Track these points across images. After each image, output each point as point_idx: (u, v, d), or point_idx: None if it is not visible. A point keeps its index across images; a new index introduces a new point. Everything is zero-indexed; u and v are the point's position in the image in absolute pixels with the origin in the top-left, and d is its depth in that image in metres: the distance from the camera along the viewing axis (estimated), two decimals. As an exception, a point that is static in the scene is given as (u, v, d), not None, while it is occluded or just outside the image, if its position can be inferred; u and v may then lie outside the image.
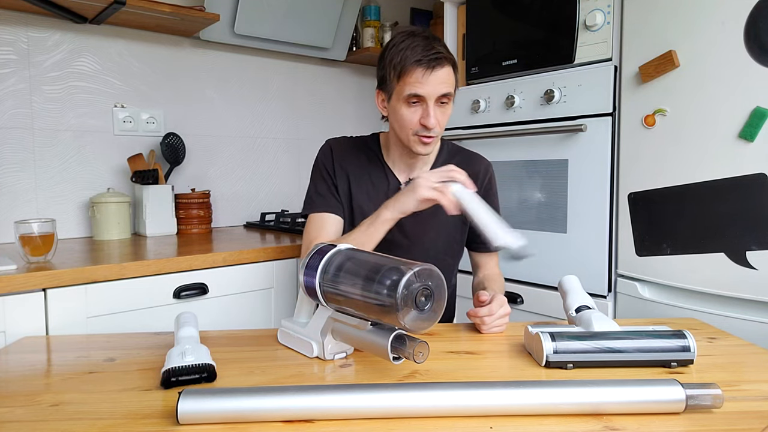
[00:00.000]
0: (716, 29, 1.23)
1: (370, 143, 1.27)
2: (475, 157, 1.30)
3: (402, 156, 1.22)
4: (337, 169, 1.24)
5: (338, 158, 1.24)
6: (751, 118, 1.18)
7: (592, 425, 0.65)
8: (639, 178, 1.41)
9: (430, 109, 1.08)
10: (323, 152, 1.27)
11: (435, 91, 1.07)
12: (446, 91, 1.09)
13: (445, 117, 1.13)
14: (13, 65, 1.63)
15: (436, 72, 1.06)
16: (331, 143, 1.28)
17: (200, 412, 0.64)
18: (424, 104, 1.09)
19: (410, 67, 1.06)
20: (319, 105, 2.37)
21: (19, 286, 1.13)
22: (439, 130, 1.12)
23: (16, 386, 0.78)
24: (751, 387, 0.77)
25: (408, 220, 1.20)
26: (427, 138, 1.11)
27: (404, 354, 0.73)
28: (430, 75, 1.06)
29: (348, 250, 0.85)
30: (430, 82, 1.06)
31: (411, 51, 1.07)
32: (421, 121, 1.09)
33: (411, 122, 1.10)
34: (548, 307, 1.62)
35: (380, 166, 1.24)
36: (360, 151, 1.26)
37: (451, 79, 1.10)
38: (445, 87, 1.08)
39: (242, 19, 1.93)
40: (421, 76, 1.06)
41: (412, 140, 1.13)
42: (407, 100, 1.09)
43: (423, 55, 1.06)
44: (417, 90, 1.07)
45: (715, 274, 1.27)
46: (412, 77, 1.07)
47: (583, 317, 0.89)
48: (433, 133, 1.11)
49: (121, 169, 1.83)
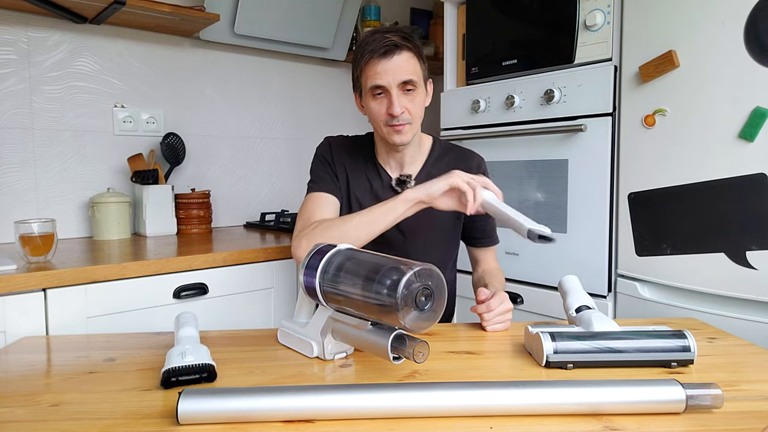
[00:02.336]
0: (716, 29, 1.23)
1: (365, 142, 1.29)
2: (467, 152, 1.31)
3: (389, 152, 1.23)
4: (337, 163, 1.26)
5: (337, 153, 1.26)
6: (751, 118, 1.18)
7: (592, 425, 0.65)
8: (639, 178, 1.41)
9: (394, 98, 1.10)
10: (323, 146, 1.29)
11: (394, 79, 1.09)
12: (406, 78, 1.10)
13: (416, 104, 1.14)
14: (13, 65, 1.63)
15: (392, 59, 1.09)
16: (330, 140, 1.30)
17: (200, 412, 0.64)
18: (388, 93, 1.11)
19: (367, 61, 1.10)
20: (319, 105, 2.37)
21: (19, 286, 1.13)
22: (408, 117, 1.13)
23: (16, 386, 0.78)
24: (751, 387, 0.77)
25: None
26: (397, 126, 1.12)
27: (404, 354, 0.73)
28: (386, 63, 1.09)
29: (348, 250, 0.85)
30: (388, 71, 1.09)
31: (367, 45, 1.10)
32: (388, 110, 1.11)
33: (380, 114, 1.13)
34: (548, 307, 1.62)
35: (373, 163, 1.26)
36: (356, 149, 1.28)
37: (411, 66, 1.11)
38: (404, 74, 1.10)
39: (242, 19, 1.93)
40: (377, 65, 1.09)
41: (385, 132, 1.14)
42: (372, 93, 1.12)
43: (376, 46, 1.09)
44: (377, 81, 1.10)
45: (715, 274, 1.27)
46: (370, 69, 1.10)
47: (583, 317, 0.89)
48: (402, 120, 1.12)
49: (121, 169, 1.83)
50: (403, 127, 1.13)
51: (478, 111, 1.78)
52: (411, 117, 1.13)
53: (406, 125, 1.13)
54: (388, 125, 1.13)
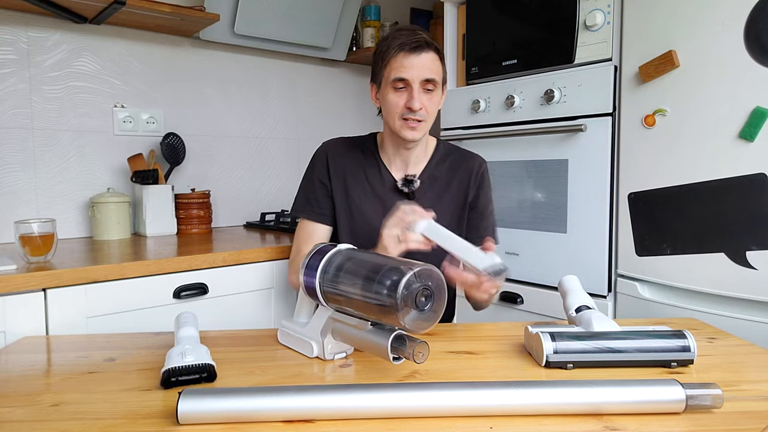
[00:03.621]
0: (716, 29, 1.23)
1: (367, 141, 1.29)
2: (469, 154, 1.31)
3: (396, 150, 1.23)
4: (333, 172, 1.25)
5: (333, 160, 1.26)
6: (751, 118, 1.18)
7: (592, 425, 0.65)
8: (639, 178, 1.41)
9: (415, 92, 1.12)
10: (318, 157, 1.29)
11: (419, 74, 1.11)
12: (430, 76, 1.12)
13: (433, 104, 1.15)
14: (13, 65, 1.63)
15: (419, 56, 1.11)
16: (326, 146, 1.30)
17: (200, 412, 0.64)
18: (409, 88, 1.12)
19: (394, 53, 1.11)
20: (319, 105, 2.37)
21: (19, 286, 1.13)
22: (425, 115, 1.14)
23: (16, 386, 0.78)
24: (751, 387, 0.77)
25: None
26: (413, 122, 1.13)
27: (404, 354, 0.73)
28: (413, 59, 1.11)
29: (348, 250, 0.85)
30: (414, 66, 1.11)
31: (395, 39, 1.12)
32: (407, 104, 1.12)
33: (397, 106, 1.14)
34: (548, 307, 1.62)
35: (375, 163, 1.26)
36: (356, 149, 1.28)
37: (435, 67, 1.13)
38: (428, 72, 1.12)
39: (242, 19, 1.93)
40: (404, 59, 1.11)
41: (399, 125, 1.15)
42: (393, 85, 1.13)
43: (406, 40, 1.11)
44: (401, 73, 1.11)
45: (715, 274, 1.27)
46: (397, 62, 1.11)
47: (583, 317, 0.89)
48: (419, 117, 1.13)
49: (121, 169, 1.83)
50: (417, 123, 1.14)
51: (478, 111, 1.78)
52: (427, 115, 1.14)
53: (421, 122, 1.14)
54: (403, 118, 1.14)
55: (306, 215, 1.27)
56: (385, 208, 1.22)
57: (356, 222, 1.24)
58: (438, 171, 1.27)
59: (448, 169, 1.28)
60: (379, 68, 1.16)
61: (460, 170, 1.28)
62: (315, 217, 1.26)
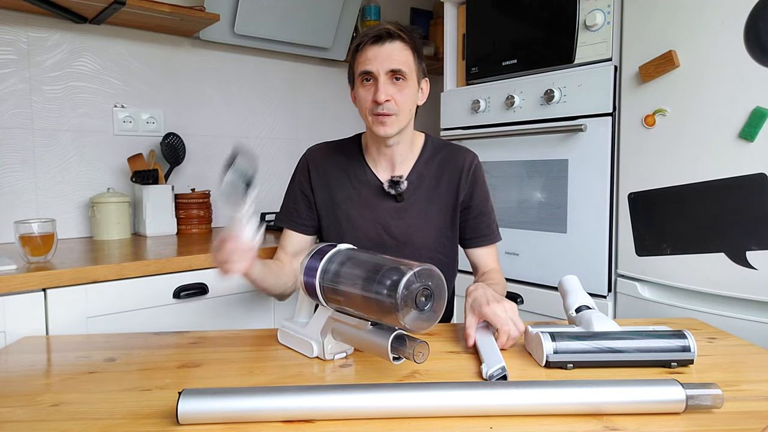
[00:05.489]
0: (716, 29, 1.23)
1: (350, 144, 1.27)
2: (459, 150, 1.26)
3: (379, 150, 1.20)
4: (315, 181, 1.24)
5: (315, 168, 1.25)
6: (751, 118, 1.18)
7: (592, 425, 0.65)
8: (639, 178, 1.41)
9: (380, 84, 1.08)
10: (299, 167, 1.28)
11: (383, 66, 1.08)
12: (396, 67, 1.08)
13: (404, 96, 1.10)
14: (13, 65, 1.63)
15: (382, 46, 1.08)
16: (308, 153, 1.28)
17: (200, 412, 0.64)
18: (376, 81, 1.09)
19: (361, 48, 1.10)
20: (319, 105, 2.37)
21: (19, 286, 1.13)
22: (395, 108, 1.09)
23: (16, 386, 0.78)
24: (751, 387, 0.77)
25: (393, 222, 1.20)
26: (381, 116, 1.09)
27: (404, 354, 0.73)
28: (376, 49, 1.08)
29: (348, 251, 0.85)
30: (377, 57, 1.08)
31: (363, 35, 1.11)
32: (373, 97, 1.09)
33: (366, 101, 1.11)
34: (548, 307, 1.62)
35: (361, 165, 1.23)
36: (339, 152, 1.26)
37: (402, 57, 1.09)
38: (394, 62, 1.08)
39: (242, 19, 1.93)
40: (368, 51, 1.09)
41: (370, 121, 1.12)
42: (361, 80, 1.11)
43: (369, 32, 1.09)
44: (366, 66, 1.09)
45: (715, 274, 1.27)
46: (362, 56, 1.10)
47: (583, 317, 0.89)
48: (387, 110, 1.09)
49: (121, 169, 1.83)
50: (387, 117, 1.09)
51: (478, 111, 1.78)
52: (397, 108, 1.09)
53: (392, 116, 1.09)
54: (373, 114, 1.10)
55: (287, 225, 1.27)
56: (373, 212, 1.20)
57: (344, 228, 1.22)
58: (427, 170, 1.21)
59: (438, 167, 1.22)
60: (350, 68, 1.15)
61: (450, 168, 1.22)
62: (295, 227, 1.26)
